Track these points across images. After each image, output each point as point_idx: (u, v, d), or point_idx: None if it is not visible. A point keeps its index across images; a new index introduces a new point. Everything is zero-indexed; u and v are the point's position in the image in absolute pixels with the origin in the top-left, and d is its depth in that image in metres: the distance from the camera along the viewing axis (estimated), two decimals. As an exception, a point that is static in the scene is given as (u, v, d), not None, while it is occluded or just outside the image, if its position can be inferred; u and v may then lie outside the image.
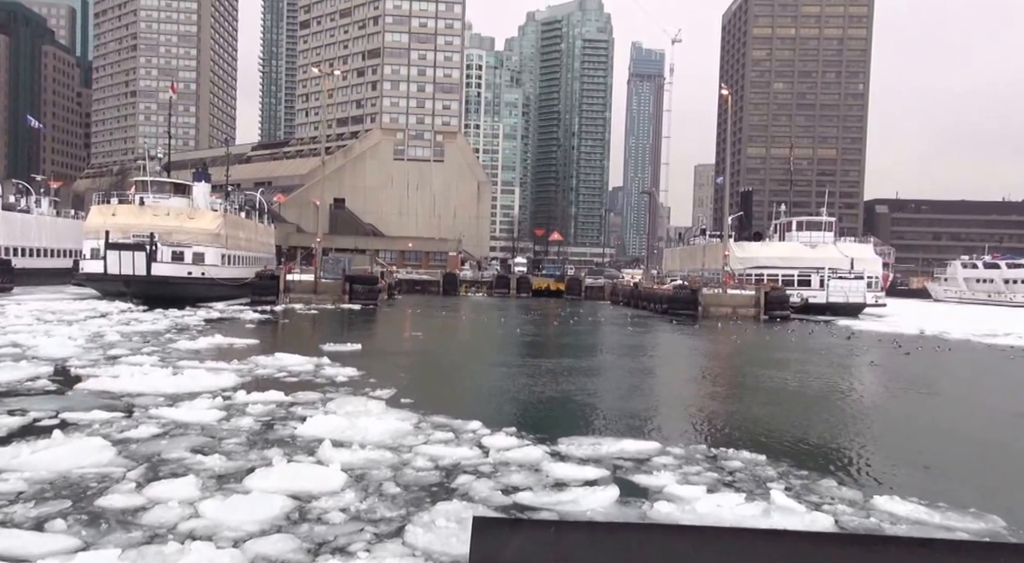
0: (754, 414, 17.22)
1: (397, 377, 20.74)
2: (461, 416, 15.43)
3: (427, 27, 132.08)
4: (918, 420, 17.72)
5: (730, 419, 16.74)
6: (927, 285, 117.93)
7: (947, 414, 18.88)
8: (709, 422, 16.48)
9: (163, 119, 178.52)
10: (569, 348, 32.26)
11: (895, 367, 28.82)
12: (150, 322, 33.96)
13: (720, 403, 18.97)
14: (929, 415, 18.56)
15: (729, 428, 15.75)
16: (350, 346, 26.47)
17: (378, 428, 13.69)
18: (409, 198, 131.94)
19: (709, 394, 20.63)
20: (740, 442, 13.90)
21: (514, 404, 17.78)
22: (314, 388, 18.54)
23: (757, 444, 13.80)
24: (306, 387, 18.66)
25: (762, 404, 18.66)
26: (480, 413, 16.19)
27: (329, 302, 57.16)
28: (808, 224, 72.06)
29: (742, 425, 15.96)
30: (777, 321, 55.77)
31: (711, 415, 17.24)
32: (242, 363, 21.69)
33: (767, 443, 14.11)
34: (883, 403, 20.22)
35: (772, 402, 19.10)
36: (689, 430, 15.47)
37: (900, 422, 17.43)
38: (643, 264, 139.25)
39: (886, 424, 17.20)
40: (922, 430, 16.55)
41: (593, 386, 20.72)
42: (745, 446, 13.37)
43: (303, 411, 15.50)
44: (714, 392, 21.06)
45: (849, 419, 17.48)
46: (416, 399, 17.52)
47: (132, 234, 49.86)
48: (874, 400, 20.78)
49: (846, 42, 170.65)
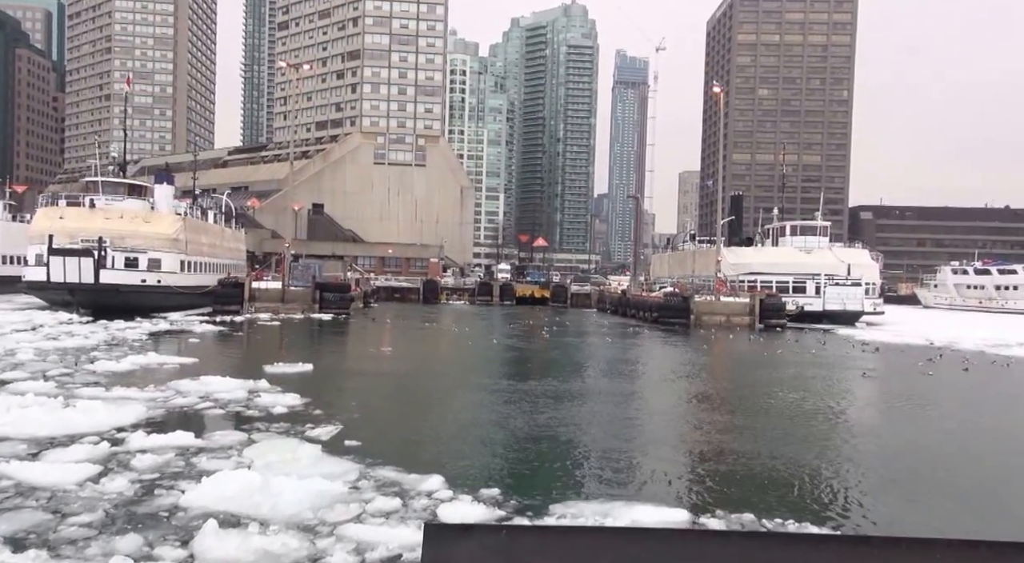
0: (791, 458, 13.79)
1: (347, 408, 17.18)
2: (417, 467, 11.96)
3: (408, 28, 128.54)
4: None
5: (769, 470, 13.28)
6: (916, 291, 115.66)
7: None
8: (741, 474, 12.99)
9: (139, 123, 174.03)
10: (555, 366, 28.77)
11: (958, 388, 25.55)
12: (83, 336, 30.17)
13: (748, 443, 15.50)
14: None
15: (769, 481, 12.28)
16: (300, 366, 22.82)
17: (296, 493, 10.13)
18: (390, 203, 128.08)
19: (728, 428, 17.13)
20: (789, 505, 10.45)
21: (489, 448, 14.23)
22: (239, 425, 14.96)
23: (807, 508, 10.38)
24: (228, 423, 15.08)
25: (801, 443, 15.25)
26: (443, 462, 12.74)
27: (298, 311, 53.60)
28: (802, 229, 69.15)
29: (782, 477, 12.52)
30: (775, 330, 52.78)
31: (740, 463, 13.75)
32: (160, 390, 18.06)
33: (826, 502, 10.69)
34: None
35: (812, 443, 15.70)
36: (719, 487, 11.95)
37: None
38: (630, 270, 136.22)
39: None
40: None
41: (586, 419, 17.20)
42: (801, 511, 9.94)
43: (207, 463, 11.93)
44: (734, 425, 17.57)
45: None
46: (364, 440, 14.01)
47: (80, 238, 45.89)
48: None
49: (830, 49, 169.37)
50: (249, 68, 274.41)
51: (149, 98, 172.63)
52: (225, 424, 14.94)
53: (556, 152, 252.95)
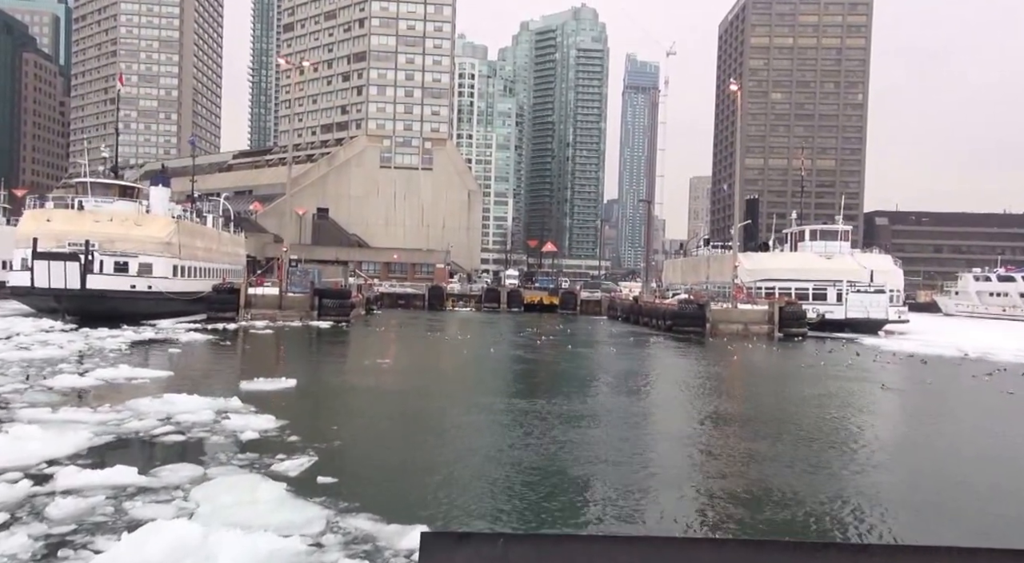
0: (845, 509, 11.47)
1: (327, 434, 14.94)
2: (399, 513, 9.78)
3: (415, 30, 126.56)
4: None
5: (816, 518, 10.96)
6: (936, 299, 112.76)
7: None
8: (781, 519, 10.67)
9: (144, 126, 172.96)
10: (564, 381, 26.45)
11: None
12: (57, 346, 28.07)
13: (790, 479, 13.16)
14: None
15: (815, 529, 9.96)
16: (282, 382, 20.58)
17: (239, 554, 7.92)
18: (396, 208, 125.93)
19: (769, 457, 14.79)
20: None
21: (487, 487, 11.93)
22: (196, 455, 12.75)
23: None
24: (183, 454, 12.86)
25: (857, 487, 12.91)
26: (432, 506, 10.56)
27: (296, 319, 51.60)
28: (822, 233, 66.63)
29: (829, 529, 10.21)
30: (796, 339, 50.38)
31: (782, 504, 11.43)
32: (115, 410, 15.88)
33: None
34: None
35: (880, 490, 13.37)
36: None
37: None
38: (640, 277, 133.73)
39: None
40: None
41: (597, 447, 14.88)
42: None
43: (143, 508, 9.74)
44: (779, 455, 15.23)
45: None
46: (341, 475, 11.82)
47: (68, 242, 43.94)
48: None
49: (845, 52, 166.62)
50: (257, 72, 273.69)
51: (154, 101, 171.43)
52: (179, 455, 12.73)
53: (565, 157, 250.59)
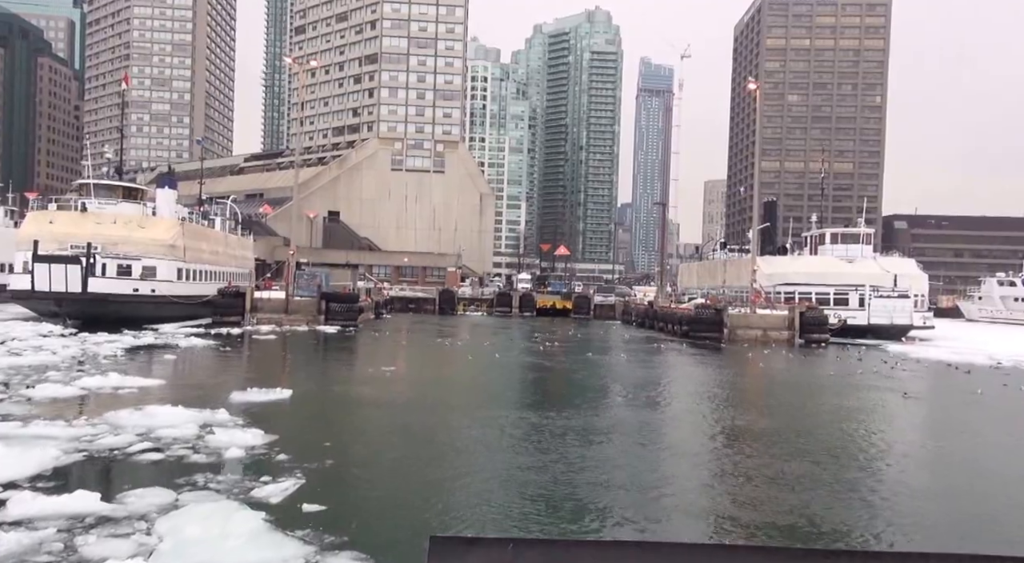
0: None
1: (318, 452, 13.58)
2: (392, 552, 8.38)
3: (427, 31, 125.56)
4: None
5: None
6: (959, 304, 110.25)
7: None
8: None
9: (156, 130, 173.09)
10: (577, 392, 25.01)
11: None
12: (50, 352, 26.97)
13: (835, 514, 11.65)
14: None
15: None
16: (277, 393, 19.26)
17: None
18: (408, 211, 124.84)
19: (807, 482, 13.26)
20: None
21: (492, 516, 10.50)
22: (171, 477, 11.42)
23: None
24: (156, 475, 11.55)
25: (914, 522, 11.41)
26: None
27: (302, 323, 50.50)
28: (843, 237, 64.86)
29: None
30: (818, 346, 48.63)
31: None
32: (91, 424, 14.63)
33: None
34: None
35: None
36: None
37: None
38: (655, 281, 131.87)
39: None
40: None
41: (613, 469, 13.44)
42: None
43: (96, 544, 8.45)
44: (817, 480, 13.70)
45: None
46: (329, 502, 10.46)
47: (70, 244, 42.98)
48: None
49: (863, 53, 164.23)
50: (270, 76, 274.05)
51: (167, 105, 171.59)
52: (151, 477, 11.42)
53: (579, 160, 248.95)
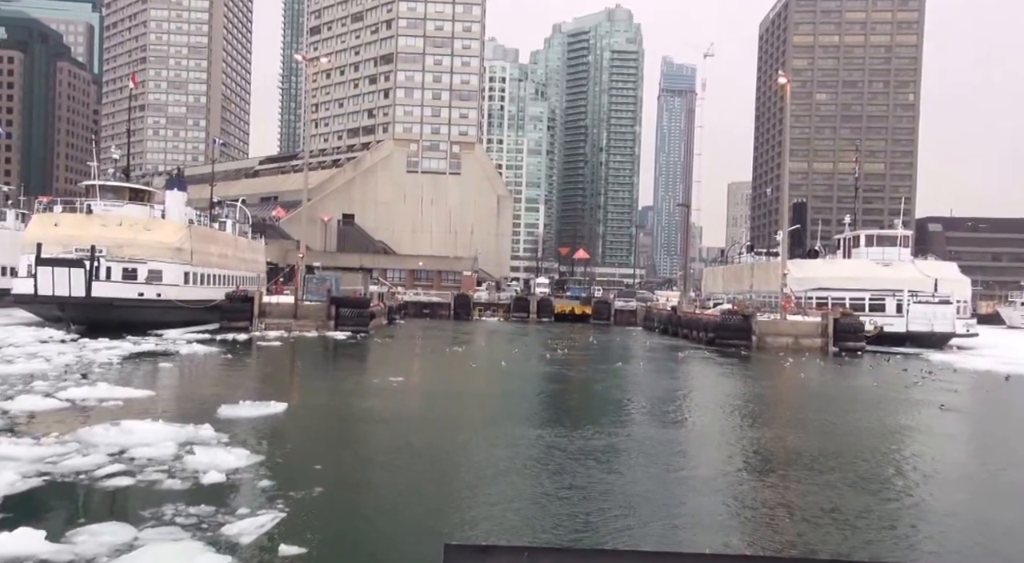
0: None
1: (307, 477, 11.11)
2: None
3: (443, 31, 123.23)
4: None
5: None
6: (999, 310, 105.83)
7: None
8: None
9: (172, 133, 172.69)
10: (599, 404, 22.38)
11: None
12: (44, 359, 25.14)
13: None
14: None
15: None
16: (271, 406, 17.06)
17: None
18: (423, 213, 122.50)
19: (869, 517, 10.15)
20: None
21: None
22: (135, 507, 9.47)
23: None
24: (117, 505, 9.50)
25: None
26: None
27: (311, 329, 48.46)
28: (879, 239, 61.33)
29: None
30: (854, 355, 45.32)
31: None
32: (61, 441, 12.89)
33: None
34: None
35: None
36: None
37: None
38: (677, 285, 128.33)
39: None
40: None
41: (637, 498, 10.66)
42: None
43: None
44: (865, 510, 10.58)
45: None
46: (310, 543, 8.34)
47: (75, 247, 41.21)
48: None
49: (894, 50, 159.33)
50: (287, 79, 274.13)
51: (183, 108, 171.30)
52: (112, 508, 9.61)
53: (599, 162, 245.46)
